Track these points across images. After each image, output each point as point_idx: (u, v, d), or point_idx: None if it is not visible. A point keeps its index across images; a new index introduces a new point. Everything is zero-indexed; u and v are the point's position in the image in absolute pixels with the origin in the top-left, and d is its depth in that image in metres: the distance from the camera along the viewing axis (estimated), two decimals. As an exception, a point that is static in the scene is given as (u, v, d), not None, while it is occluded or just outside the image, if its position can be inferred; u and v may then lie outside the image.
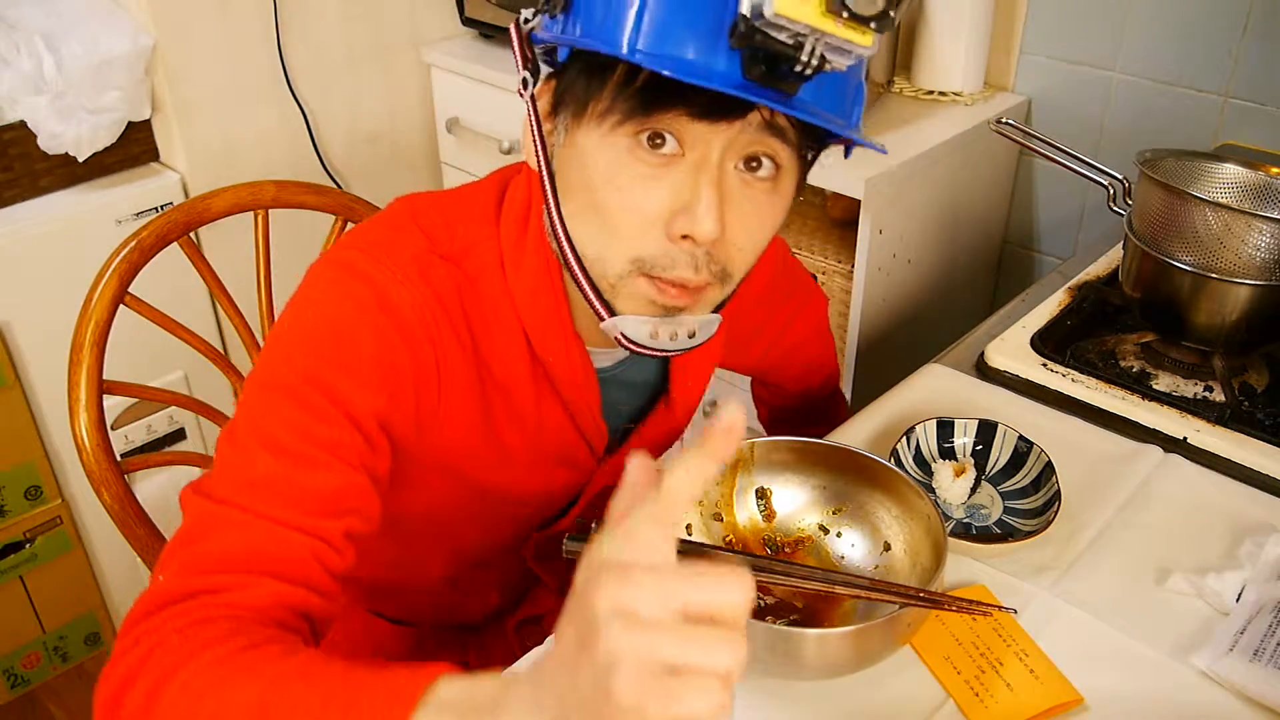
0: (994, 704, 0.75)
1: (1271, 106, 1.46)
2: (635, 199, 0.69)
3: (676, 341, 0.74)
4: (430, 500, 0.85)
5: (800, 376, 1.18)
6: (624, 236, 0.70)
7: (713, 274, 0.71)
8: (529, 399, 0.82)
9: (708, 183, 0.67)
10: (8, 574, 1.73)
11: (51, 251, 1.64)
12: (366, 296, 0.72)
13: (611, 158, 0.68)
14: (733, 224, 0.70)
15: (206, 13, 1.71)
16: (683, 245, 0.69)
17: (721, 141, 0.67)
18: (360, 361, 0.71)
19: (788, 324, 1.09)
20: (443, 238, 0.77)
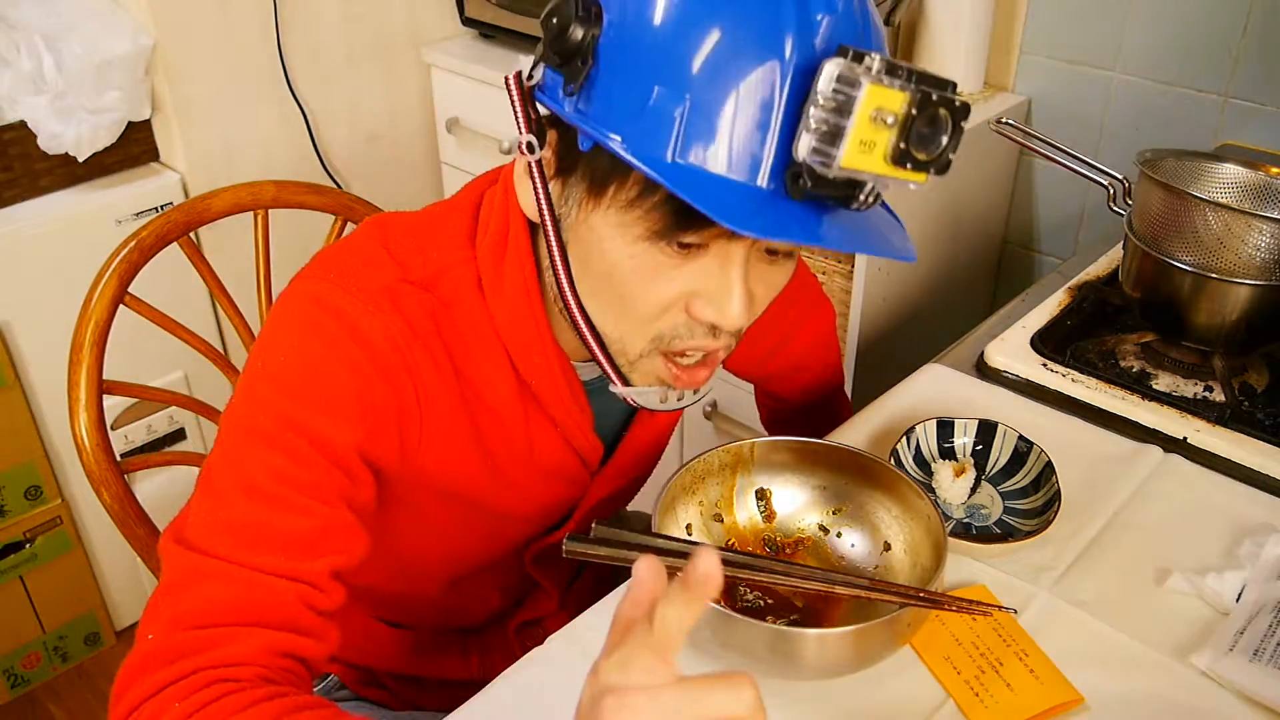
0: (994, 704, 0.75)
1: (1271, 106, 1.46)
2: (658, 289, 0.68)
3: (684, 400, 0.77)
4: (424, 519, 0.85)
5: (806, 389, 1.18)
6: (644, 319, 0.70)
7: (728, 339, 0.72)
8: (517, 420, 0.81)
9: (737, 279, 0.66)
10: (8, 574, 1.73)
11: (51, 251, 1.64)
12: (337, 331, 0.71)
13: (634, 253, 0.67)
14: (757, 298, 0.70)
15: (206, 13, 1.71)
16: (704, 325, 0.69)
17: (746, 244, 0.66)
18: (335, 398, 0.71)
19: (792, 330, 1.08)
20: (415, 263, 0.76)
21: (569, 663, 0.80)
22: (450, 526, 0.87)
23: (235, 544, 0.67)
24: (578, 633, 0.82)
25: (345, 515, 0.71)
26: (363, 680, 1.02)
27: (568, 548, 0.73)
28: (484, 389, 0.79)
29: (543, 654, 0.81)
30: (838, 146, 0.57)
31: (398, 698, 1.02)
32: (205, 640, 0.64)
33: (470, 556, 0.93)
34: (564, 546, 0.73)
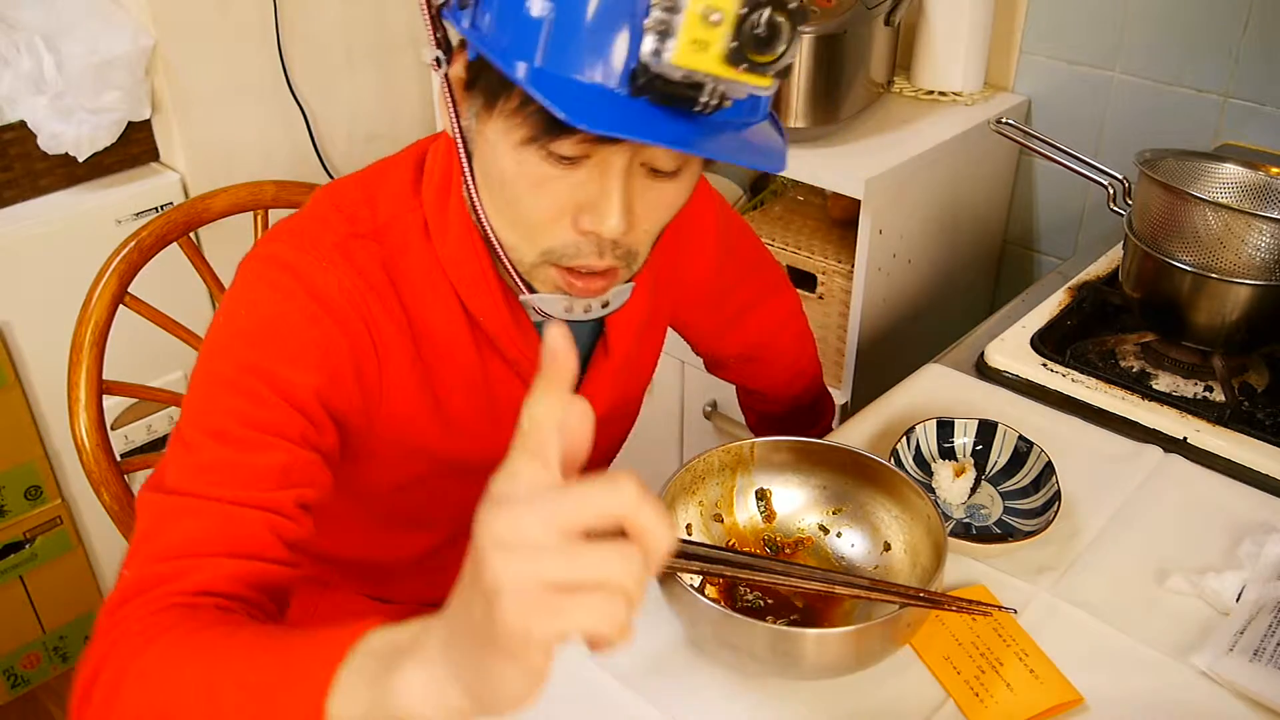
0: (994, 704, 0.75)
1: (1271, 106, 1.46)
2: (543, 199, 0.70)
3: (591, 313, 0.78)
4: (395, 473, 0.87)
5: (784, 382, 1.18)
6: (533, 231, 0.73)
7: (617, 258, 0.73)
8: (473, 363, 0.84)
9: (614, 188, 0.68)
10: (8, 574, 1.73)
11: (51, 251, 1.64)
12: (293, 285, 0.75)
13: (520, 159, 0.69)
14: (638, 214, 0.71)
15: (206, 13, 1.71)
16: (589, 237, 0.71)
17: (625, 153, 0.68)
18: (294, 346, 0.74)
19: (750, 304, 1.10)
20: (363, 216, 0.79)
21: (569, 663, 0.80)
22: (419, 480, 0.88)
23: (205, 481, 0.70)
24: (578, 633, 0.82)
25: (309, 454, 0.74)
26: None
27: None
28: (437, 334, 0.81)
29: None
30: (670, 43, 0.59)
31: None
32: (176, 570, 0.67)
33: (444, 514, 0.93)
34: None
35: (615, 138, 0.65)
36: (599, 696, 0.77)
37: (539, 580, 0.43)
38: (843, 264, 1.54)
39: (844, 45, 1.43)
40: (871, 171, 1.39)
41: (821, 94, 1.45)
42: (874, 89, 1.57)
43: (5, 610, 1.76)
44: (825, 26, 1.41)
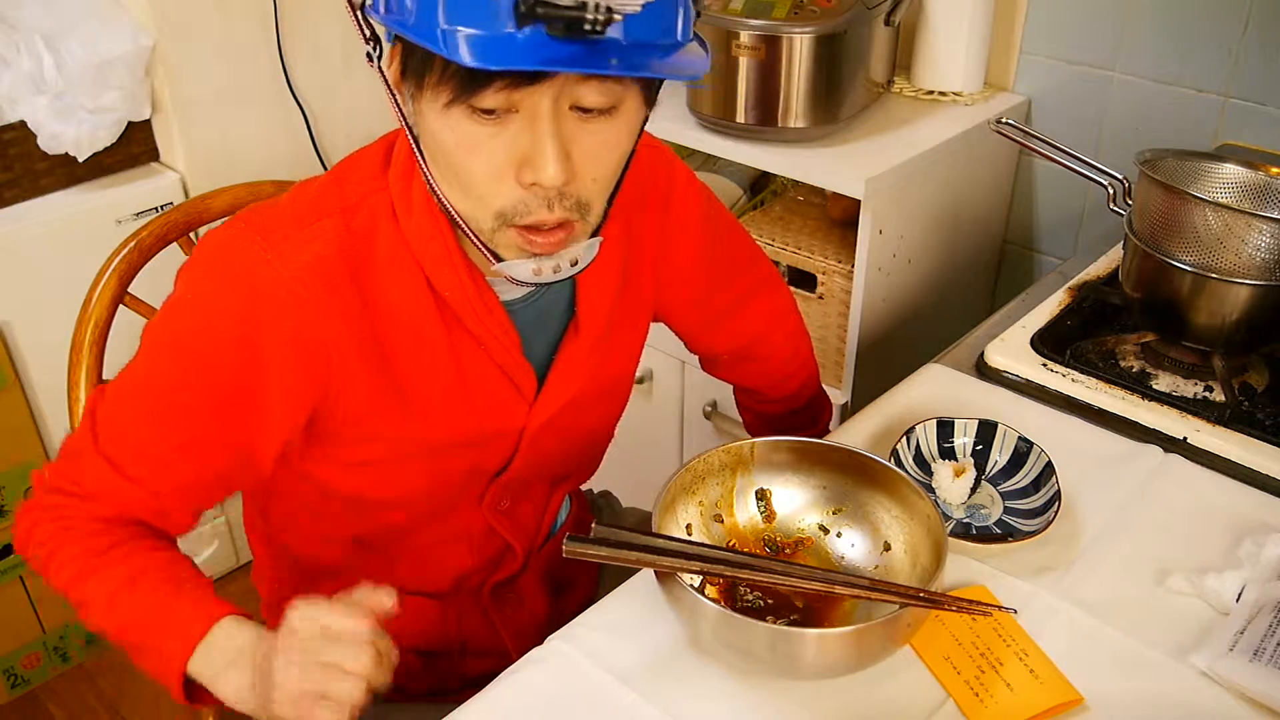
0: (994, 704, 0.75)
1: (1271, 106, 1.46)
2: (481, 160, 0.72)
3: (561, 273, 0.78)
4: (355, 453, 0.87)
5: (776, 383, 1.18)
6: (481, 193, 0.74)
7: (567, 209, 0.74)
8: (442, 345, 0.84)
9: (545, 133, 0.70)
10: (8, 574, 1.73)
11: (51, 251, 1.64)
12: (234, 281, 0.78)
13: (451, 126, 0.71)
14: (579, 161, 0.72)
15: (206, 13, 1.71)
16: (535, 191, 0.72)
17: (548, 97, 0.69)
18: (232, 351, 0.79)
19: (742, 299, 1.10)
20: (330, 196, 0.82)
21: (569, 663, 0.80)
22: (388, 464, 0.88)
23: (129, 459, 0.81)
24: (577, 632, 0.82)
25: (219, 469, 0.83)
26: None
27: (568, 548, 0.73)
28: (403, 314, 0.82)
29: (542, 654, 0.81)
30: None
31: None
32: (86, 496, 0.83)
33: (422, 498, 0.93)
34: (564, 547, 0.73)
35: (529, 81, 0.67)
36: (599, 696, 0.77)
37: (307, 657, 0.70)
38: (843, 264, 1.54)
39: (844, 45, 1.43)
40: (871, 171, 1.39)
41: (821, 94, 1.45)
42: (874, 89, 1.57)
43: (5, 610, 1.76)
44: (825, 26, 1.41)
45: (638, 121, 0.77)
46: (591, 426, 1.02)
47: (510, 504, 0.99)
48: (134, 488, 0.81)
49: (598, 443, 1.07)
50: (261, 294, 0.77)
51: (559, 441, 0.97)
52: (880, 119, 1.57)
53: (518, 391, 0.90)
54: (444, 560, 1.01)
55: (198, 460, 0.82)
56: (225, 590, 2.05)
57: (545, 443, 0.95)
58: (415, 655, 1.03)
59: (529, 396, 0.91)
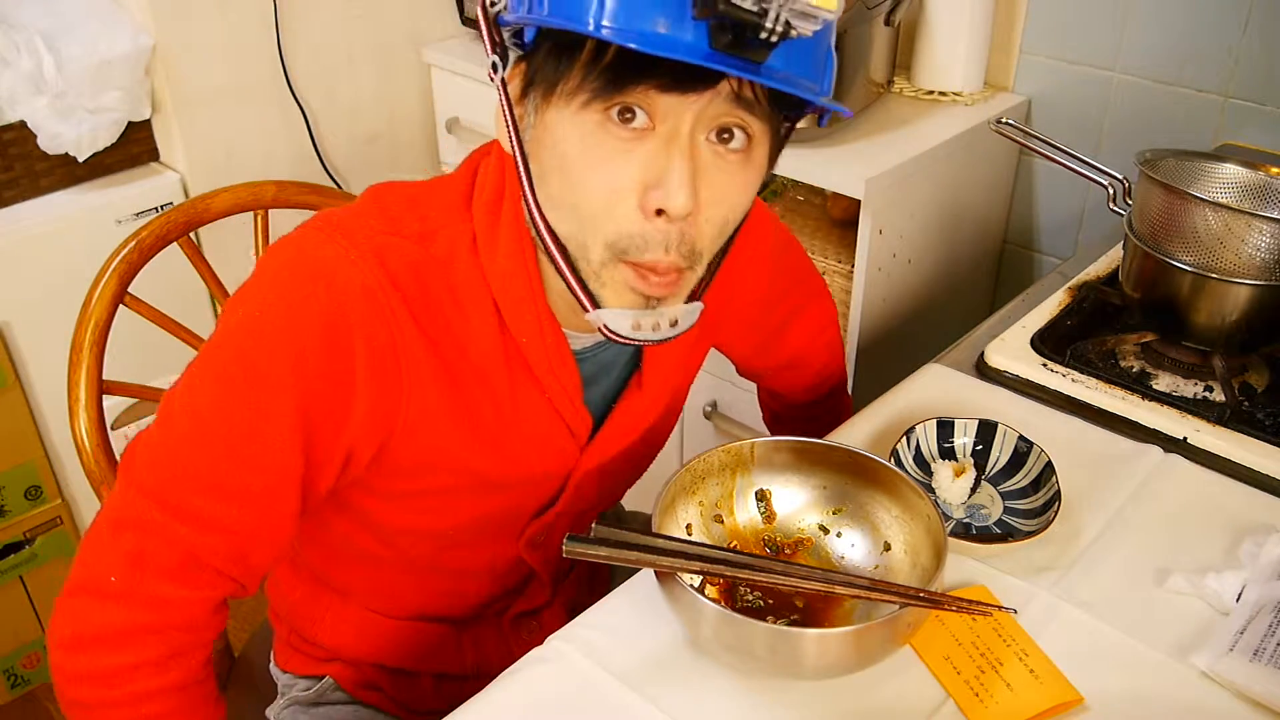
0: (994, 704, 0.75)
1: (1271, 106, 1.46)
2: (607, 175, 0.69)
3: (659, 332, 0.75)
4: (410, 486, 0.85)
5: (808, 387, 1.18)
6: (598, 215, 0.70)
7: (683, 255, 0.72)
8: (503, 383, 0.82)
9: (680, 155, 0.68)
10: (8, 574, 1.73)
11: (51, 251, 1.64)
12: (313, 284, 0.73)
13: (583, 134, 0.69)
14: (704, 196, 0.70)
15: (206, 13, 1.71)
16: (656, 223, 0.69)
17: (692, 114, 0.67)
18: (299, 355, 0.73)
19: (792, 316, 1.09)
20: (410, 219, 0.78)
21: (569, 663, 0.80)
22: (437, 495, 0.86)
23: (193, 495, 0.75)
24: (577, 632, 0.82)
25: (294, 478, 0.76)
26: (358, 682, 1.02)
27: (568, 548, 0.73)
28: (471, 348, 0.79)
29: (542, 654, 0.81)
30: None
31: (393, 700, 1.02)
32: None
33: (461, 531, 0.92)
34: (564, 547, 0.73)
35: (680, 91, 0.65)
36: (599, 696, 0.77)
37: None
38: (843, 264, 1.54)
39: (844, 45, 1.43)
40: (871, 171, 1.39)
41: (821, 94, 1.45)
42: (874, 89, 1.57)
43: (5, 610, 1.76)
44: (825, 26, 1.40)
45: (764, 172, 0.75)
46: (638, 464, 1.01)
47: (545, 538, 0.98)
48: (205, 536, 0.75)
49: (639, 474, 1.05)
50: (350, 291, 0.73)
51: (606, 483, 0.96)
52: (880, 119, 1.57)
53: (572, 436, 0.88)
54: (468, 588, 1.00)
55: (275, 480, 0.75)
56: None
57: (592, 485, 0.94)
58: (429, 678, 1.03)
59: (581, 441, 0.89)
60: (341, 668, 1.02)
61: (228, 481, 0.75)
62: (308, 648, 1.03)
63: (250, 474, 0.75)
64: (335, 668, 1.02)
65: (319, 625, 1.01)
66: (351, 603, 1.00)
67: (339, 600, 1.00)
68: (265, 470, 0.75)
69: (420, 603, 1.00)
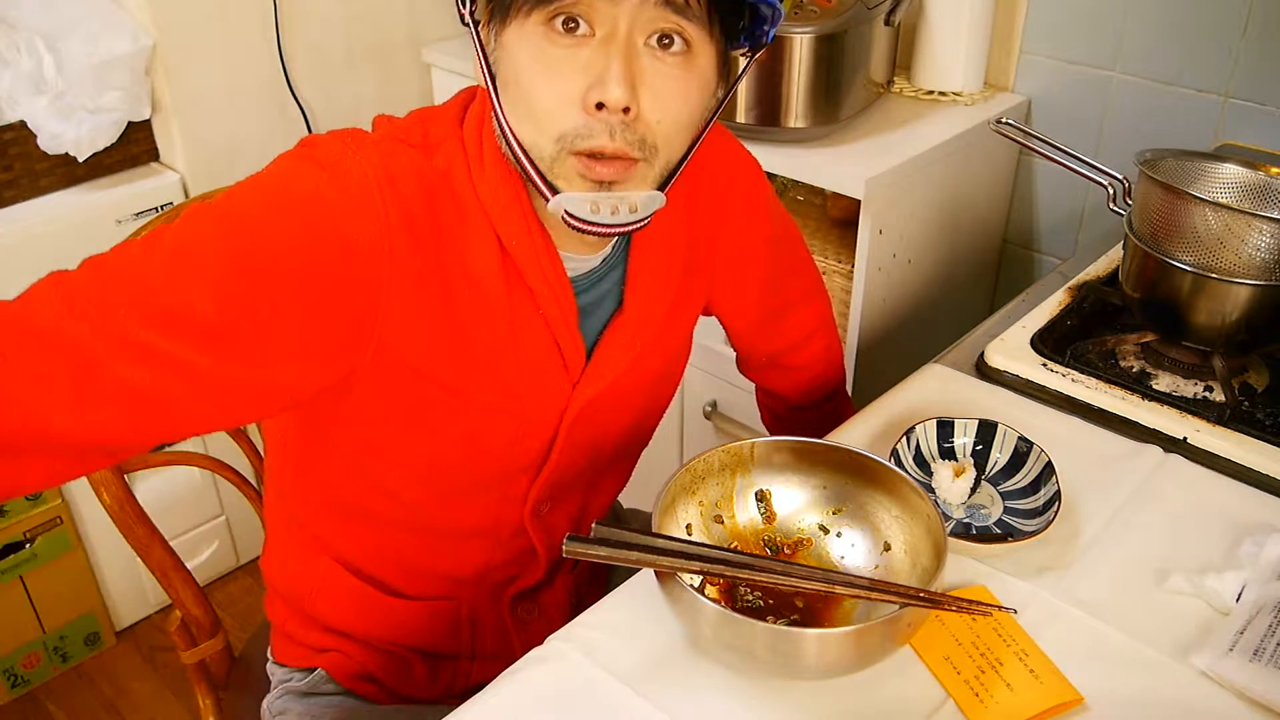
0: (994, 704, 0.75)
1: (1271, 106, 1.46)
2: (553, 79, 0.74)
3: (619, 215, 0.77)
4: (398, 394, 0.84)
5: (806, 391, 1.18)
6: (548, 116, 0.75)
7: (630, 143, 0.75)
8: (501, 296, 0.84)
9: (615, 54, 0.72)
10: (8, 574, 1.73)
11: (51, 251, 1.63)
12: (317, 169, 0.76)
13: (531, 45, 0.74)
14: (646, 97, 0.74)
15: (206, 13, 1.71)
16: (599, 116, 0.73)
17: (627, 17, 0.72)
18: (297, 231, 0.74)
19: (792, 302, 1.10)
20: (415, 131, 0.83)
21: (569, 662, 0.80)
22: (422, 415, 0.86)
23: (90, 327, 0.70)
24: (577, 632, 0.82)
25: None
26: (351, 673, 1.02)
27: (568, 548, 0.73)
28: (472, 264, 0.82)
29: (542, 654, 0.81)
30: None
31: (386, 690, 1.02)
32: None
33: (454, 460, 0.90)
34: (564, 547, 0.73)
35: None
36: (599, 696, 0.77)
37: None
38: (843, 264, 1.54)
39: (844, 45, 1.44)
40: (871, 171, 1.39)
41: (821, 94, 1.45)
42: (874, 89, 1.57)
43: (5, 610, 1.76)
44: (825, 26, 1.41)
45: (710, 81, 0.78)
46: (632, 420, 1.01)
47: (549, 509, 0.98)
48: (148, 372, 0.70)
49: (636, 440, 1.06)
50: (349, 184, 0.76)
51: (599, 431, 0.96)
52: (880, 119, 1.57)
53: (565, 367, 0.89)
54: (466, 554, 0.99)
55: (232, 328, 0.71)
56: (225, 590, 2.05)
57: (585, 431, 0.94)
58: (422, 659, 1.03)
59: (574, 374, 0.90)
60: (334, 659, 1.02)
61: (187, 316, 0.70)
62: (303, 633, 1.03)
63: (216, 313, 0.70)
64: (328, 659, 1.02)
65: (315, 596, 1.01)
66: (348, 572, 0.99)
67: (336, 568, 0.99)
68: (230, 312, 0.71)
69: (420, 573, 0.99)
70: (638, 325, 0.93)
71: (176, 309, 0.70)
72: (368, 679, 1.02)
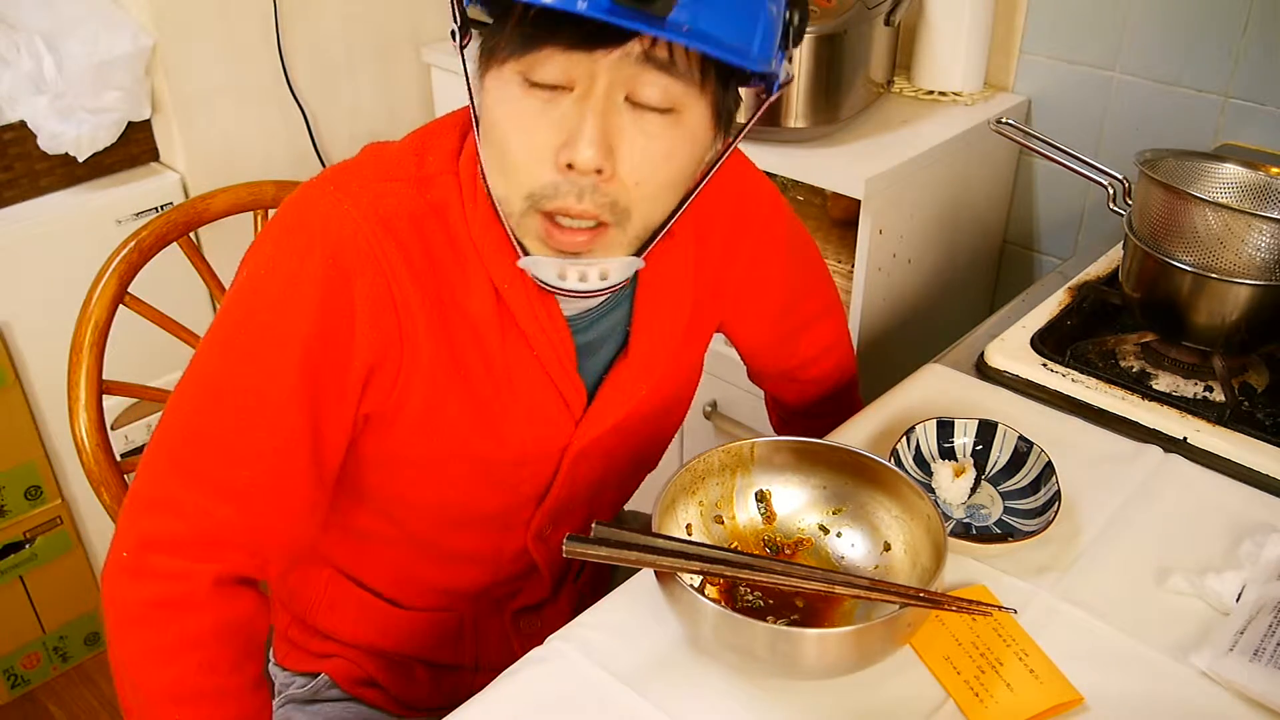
0: (994, 704, 0.75)
1: (1271, 106, 1.46)
2: (526, 133, 0.70)
3: (588, 282, 0.75)
4: (411, 452, 0.85)
5: (816, 404, 1.17)
6: (518, 171, 0.72)
7: (600, 205, 0.72)
8: (496, 337, 0.82)
9: (592, 113, 0.68)
10: (8, 574, 1.73)
11: (51, 251, 1.64)
12: (310, 242, 0.75)
13: (507, 96, 0.70)
14: (624, 158, 0.70)
15: (206, 13, 1.71)
16: (569, 175, 0.70)
17: (606, 73, 0.68)
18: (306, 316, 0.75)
19: (808, 322, 1.09)
20: (407, 163, 0.80)
21: (569, 663, 0.80)
22: (430, 446, 0.86)
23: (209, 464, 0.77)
24: (577, 632, 0.82)
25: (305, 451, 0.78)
26: (355, 679, 1.01)
27: (568, 548, 0.73)
28: (468, 305, 0.80)
29: (542, 654, 0.81)
30: None
31: (390, 697, 1.02)
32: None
33: (457, 506, 0.91)
34: (564, 547, 0.73)
35: (585, 49, 0.66)
36: (599, 696, 0.77)
37: None
38: (843, 264, 1.54)
39: (844, 45, 1.43)
40: (871, 171, 1.39)
41: (821, 94, 1.45)
42: (874, 89, 1.57)
43: (5, 610, 1.76)
44: (825, 26, 1.41)
45: (702, 139, 0.74)
46: (639, 449, 1.00)
47: (552, 531, 0.97)
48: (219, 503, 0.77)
49: (644, 465, 1.05)
50: (345, 242, 0.75)
51: (604, 464, 0.96)
52: (880, 119, 1.57)
53: (566, 408, 0.88)
54: (469, 575, 0.99)
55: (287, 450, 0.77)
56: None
57: (589, 465, 0.93)
58: (425, 668, 1.03)
59: (576, 413, 0.89)
60: (338, 664, 1.02)
61: (237, 444, 0.76)
62: (305, 639, 1.02)
63: (259, 435, 0.76)
64: (332, 664, 1.02)
65: (318, 606, 1.01)
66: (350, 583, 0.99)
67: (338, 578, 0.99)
68: (274, 431, 0.76)
69: (422, 589, 0.99)
70: (643, 366, 0.91)
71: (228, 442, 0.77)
72: (371, 685, 1.02)
